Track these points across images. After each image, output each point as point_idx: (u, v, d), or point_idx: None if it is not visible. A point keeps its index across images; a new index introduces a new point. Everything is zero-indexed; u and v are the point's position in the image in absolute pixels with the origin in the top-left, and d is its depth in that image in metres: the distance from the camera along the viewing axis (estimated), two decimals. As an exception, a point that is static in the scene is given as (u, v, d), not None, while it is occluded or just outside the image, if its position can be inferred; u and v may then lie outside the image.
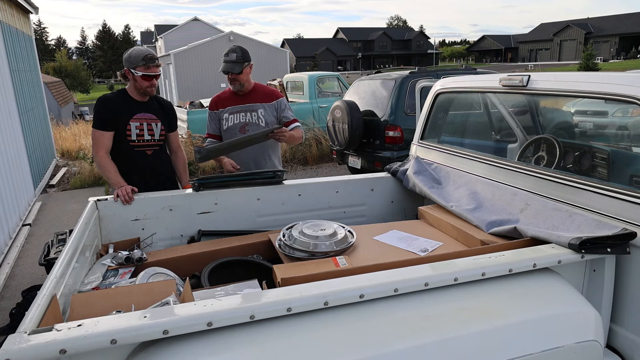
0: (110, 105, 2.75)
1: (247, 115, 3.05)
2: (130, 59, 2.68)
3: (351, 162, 6.32)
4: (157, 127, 2.86)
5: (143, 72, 2.67)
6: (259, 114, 3.05)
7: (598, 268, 1.75)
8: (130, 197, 2.52)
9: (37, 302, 1.40)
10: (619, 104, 1.87)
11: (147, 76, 2.69)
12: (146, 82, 2.71)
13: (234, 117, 3.07)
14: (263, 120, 3.05)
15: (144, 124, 2.80)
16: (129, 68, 2.69)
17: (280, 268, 1.93)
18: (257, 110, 3.06)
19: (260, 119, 3.05)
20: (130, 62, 2.68)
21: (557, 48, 61.59)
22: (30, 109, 7.23)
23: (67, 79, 38.88)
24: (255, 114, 3.05)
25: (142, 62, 2.66)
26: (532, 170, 2.17)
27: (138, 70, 2.67)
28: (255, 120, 3.05)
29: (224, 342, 1.30)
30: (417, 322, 1.43)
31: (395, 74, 6.07)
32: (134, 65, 2.67)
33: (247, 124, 3.05)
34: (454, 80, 2.83)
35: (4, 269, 4.28)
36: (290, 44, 68.15)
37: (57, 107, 18.24)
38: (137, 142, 2.79)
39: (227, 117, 3.08)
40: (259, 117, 3.05)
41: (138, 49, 2.70)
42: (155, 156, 2.88)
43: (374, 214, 3.02)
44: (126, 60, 2.70)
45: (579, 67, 32.66)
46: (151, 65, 2.68)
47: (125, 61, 2.71)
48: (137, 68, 2.66)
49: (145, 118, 2.81)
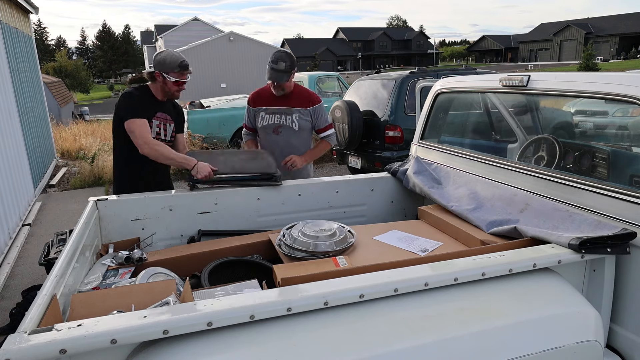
0: (139, 99, 2.77)
1: (282, 118, 3.10)
2: (165, 62, 2.70)
3: (351, 162, 6.32)
4: (170, 128, 2.92)
5: (176, 78, 2.71)
6: (293, 118, 3.10)
7: (598, 268, 1.75)
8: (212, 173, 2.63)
9: (37, 302, 1.40)
10: (619, 104, 1.87)
11: (179, 82, 2.74)
12: (176, 87, 2.76)
13: (270, 118, 3.13)
14: (297, 125, 3.10)
15: (162, 124, 2.86)
16: (160, 71, 2.71)
17: (280, 268, 1.93)
18: (292, 115, 3.10)
19: (294, 122, 3.10)
20: (164, 66, 2.70)
21: (557, 48, 61.60)
22: (30, 109, 7.23)
23: (67, 79, 38.85)
24: (290, 117, 3.10)
25: (178, 69, 2.70)
26: (532, 170, 2.17)
27: (171, 76, 2.70)
28: (289, 123, 3.10)
29: (224, 342, 1.30)
30: (417, 322, 1.43)
31: (395, 74, 6.07)
32: (167, 69, 2.69)
33: (280, 126, 3.11)
34: (454, 80, 2.83)
35: (4, 269, 4.28)
36: (290, 44, 68.17)
37: (57, 107, 18.23)
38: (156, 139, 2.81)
39: (263, 115, 3.14)
40: (293, 120, 3.10)
41: (172, 54, 2.73)
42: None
43: (374, 214, 3.02)
44: (160, 63, 2.71)
45: (579, 67, 32.67)
46: (185, 72, 2.74)
47: (158, 64, 2.72)
48: (171, 73, 2.70)
49: (163, 118, 2.87)
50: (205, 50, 26.46)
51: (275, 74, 2.96)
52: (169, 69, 2.70)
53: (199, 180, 2.63)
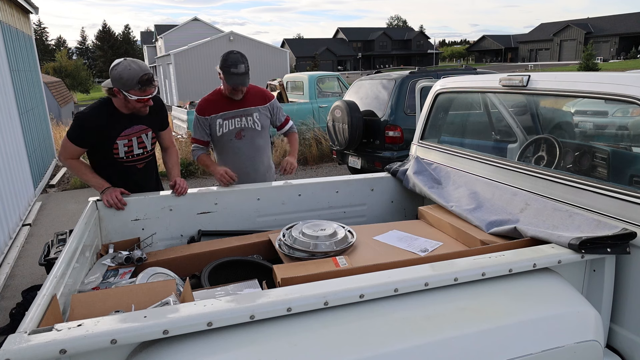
0: (93, 125, 2.44)
1: (243, 120, 2.91)
2: (122, 80, 2.30)
3: (351, 162, 6.32)
4: (148, 137, 2.63)
5: (139, 97, 2.35)
6: (254, 118, 2.93)
7: (598, 268, 1.75)
8: (122, 202, 2.43)
9: (37, 302, 1.40)
10: (619, 104, 1.87)
11: (142, 99, 2.37)
12: (140, 104, 2.41)
13: (229, 123, 2.90)
14: (259, 124, 2.94)
15: (133, 139, 2.55)
16: (120, 89, 2.33)
17: (280, 268, 1.93)
18: (252, 114, 2.92)
19: (255, 122, 2.93)
20: (124, 85, 2.31)
21: (557, 48, 61.59)
22: (30, 109, 7.23)
23: (67, 79, 38.89)
24: (250, 118, 2.92)
25: (138, 87, 2.32)
26: (532, 170, 2.17)
27: (132, 94, 2.33)
28: (251, 124, 2.92)
29: (224, 342, 1.30)
30: (417, 322, 1.43)
31: (395, 74, 6.07)
32: (127, 87, 2.31)
33: (243, 129, 2.92)
34: (454, 81, 2.83)
35: (4, 269, 4.28)
36: (290, 44, 68.16)
37: (57, 107, 18.23)
38: (125, 159, 2.58)
39: (221, 122, 2.89)
40: (254, 121, 2.93)
41: (129, 68, 2.31)
42: (147, 167, 2.72)
43: (374, 214, 3.02)
44: (117, 80, 2.31)
45: (579, 67, 32.66)
46: (147, 89, 2.36)
47: (116, 81, 2.32)
48: (131, 91, 2.33)
49: (134, 132, 2.55)
50: (205, 50, 26.49)
51: (238, 79, 2.73)
52: (129, 86, 2.31)
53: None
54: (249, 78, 2.80)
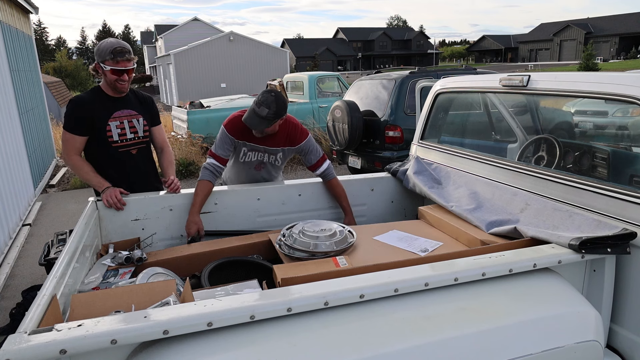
0: (85, 106, 2.54)
1: (266, 157, 2.81)
2: (99, 51, 2.46)
3: (351, 162, 6.32)
4: (140, 122, 2.69)
5: (111, 67, 2.45)
6: (277, 157, 2.83)
7: (598, 268, 1.75)
8: (122, 202, 2.45)
9: (37, 302, 1.40)
10: (619, 104, 1.87)
11: (116, 70, 2.46)
12: (114, 77, 2.49)
13: (253, 155, 2.79)
14: (280, 162, 2.88)
15: (125, 122, 2.63)
16: (98, 62, 2.48)
17: (280, 268, 1.93)
18: (276, 154, 2.82)
19: (277, 161, 2.85)
20: (99, 55, 2.45)
21: (557, 48, 61.60)
22: (30, 109, 7.23)
23: (67, 79, 38.82)
24: (273, 156, 2.82)
25: (110, 56, 2.43)
26: (532, 170, 2.17)
27: (107, 65, 2.45)
28: (272, 161, 2.85)
29: (224, 342, 1.30)
30: (417, 322, 1.43)
31: (395, 74, 6.07)
32: (102, 58, 2.45)
33: (264, 163, 2.85)
34: (454, 81, 2.83)
35: (4, 269, 4.28)
36: (290, 44, 68.16)
37: (57, 107, 18.21)
38: (120, 143, 2.63)
39: (246, 151, 2.78)
40: (276, 159, 2.84)
41: (108, 41, 2.48)
42: (141, 155, 2.76)
43: (374, 214, 3.02)
44: (96, 52, 2.48)
45: (579, 67, 32.65)
46: (120, 60, 2.44)
47: (95, 54, 2.48)
48: (106, 62, 2.45)
49: (124, 115, 2.63)
50: (205, 50, 26.49)
51: (251, 120, 2.51)
52: (103, 57, 2.44)
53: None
54: (267, 125, 2.53)
